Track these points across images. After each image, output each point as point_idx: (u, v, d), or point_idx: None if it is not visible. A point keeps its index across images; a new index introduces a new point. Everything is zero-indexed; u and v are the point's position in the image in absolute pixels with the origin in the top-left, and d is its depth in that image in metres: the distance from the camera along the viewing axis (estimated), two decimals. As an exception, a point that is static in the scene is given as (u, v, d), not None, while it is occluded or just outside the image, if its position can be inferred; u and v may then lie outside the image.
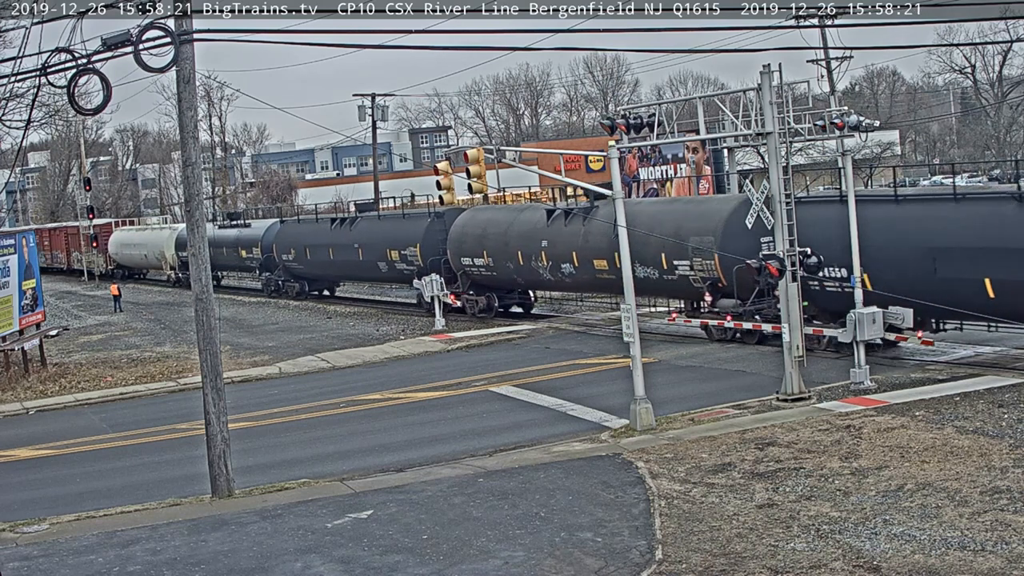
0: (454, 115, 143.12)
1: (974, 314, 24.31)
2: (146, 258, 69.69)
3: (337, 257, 47.67)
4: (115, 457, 23.36)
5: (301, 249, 50.72)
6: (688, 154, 57.03)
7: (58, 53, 16.43)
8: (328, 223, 48.97)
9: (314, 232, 50.26)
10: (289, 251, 51.83)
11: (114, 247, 74.69)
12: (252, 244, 55.71)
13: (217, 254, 58.36)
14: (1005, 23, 68.00)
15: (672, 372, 27.40)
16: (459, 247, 40.02)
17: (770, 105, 22.41)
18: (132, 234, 74.80)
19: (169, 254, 65.60)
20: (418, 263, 41.44)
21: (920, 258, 24.65)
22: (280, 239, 52.82)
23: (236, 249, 57.49)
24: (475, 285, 40.22)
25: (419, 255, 41.38)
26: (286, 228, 53.63)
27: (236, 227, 58.79)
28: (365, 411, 25.92)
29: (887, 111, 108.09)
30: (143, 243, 70.22)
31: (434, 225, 41.36)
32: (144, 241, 70.17)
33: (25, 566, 15.28)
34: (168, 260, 66.29)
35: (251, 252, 55.93)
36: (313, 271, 51.44)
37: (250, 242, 56.00)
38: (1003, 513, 14.44)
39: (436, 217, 41.42)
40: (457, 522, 15.87)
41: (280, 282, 54.15)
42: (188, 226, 18.75)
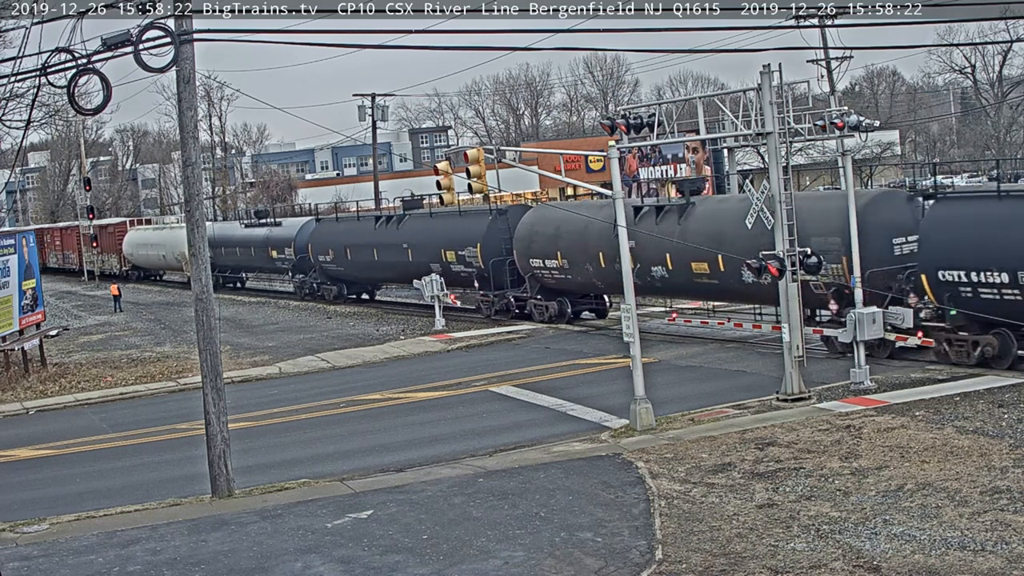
0: (454, 115, 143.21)
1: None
2: (164, 259, 66.59)
3: (382, 258, 44.35)
4: (115, 457, 23.36)
5: (340, 249, 47.41)
6: (688, 154, 56.96)
7: (58, 53, 16.43)
8: (372, 221, 45.90)
9: (355, 231, 46.93)
10: (327, 252, 48.47)
11: (129, 247, 71.71)
12: (284, 244, 52.65)
13: (244, 255, 57.31)
14: (1005, 23, 68.01)
15: (672, 372, 27.40)
16: (527, 247, 36.91)
17: (770, 105, 22.41)
18: (148, 233, 71.30)
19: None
20: (478, 265, 38.61)
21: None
22: (316, 239, 49.55)
23: (265, 249, 54.46)
24: (545, 290, 37.17)
25: (479, 256, 38.30)
26: (323, 227, 50.11)
27: (266, 226, 55.49)
28: (365, 411, 25.92)
29: (887, 111, 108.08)
30: (160, 243, 66.91)
31: (496, 223, 38.27)
32: (162, 241, 66.84)
33: (25, 566, 15.28)
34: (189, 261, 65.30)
35: (283, 253, 52.89)
36: (354, 273, 48.00)
37: (282, 242, 52.97)
38: (1003, 513, 14.44)
39: (498, 214, 38.64)
40: (457, 522, 15.87)
41: (315, 284, 50.82)
42: (188, 226, 18.76)
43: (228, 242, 58.46)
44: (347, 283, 49.35)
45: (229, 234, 59.16)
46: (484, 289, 38.98)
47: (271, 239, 54.09)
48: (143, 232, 72.68)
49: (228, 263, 59.97)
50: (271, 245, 54.06)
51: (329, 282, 49.86)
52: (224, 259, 58.85)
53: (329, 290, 49.95)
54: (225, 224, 67.54)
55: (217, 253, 57.99)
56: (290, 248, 52.01)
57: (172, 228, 67.92)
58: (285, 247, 52.63)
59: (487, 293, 38.89)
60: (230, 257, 59.11)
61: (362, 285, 50.21)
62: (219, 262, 58.41)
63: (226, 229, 61.25)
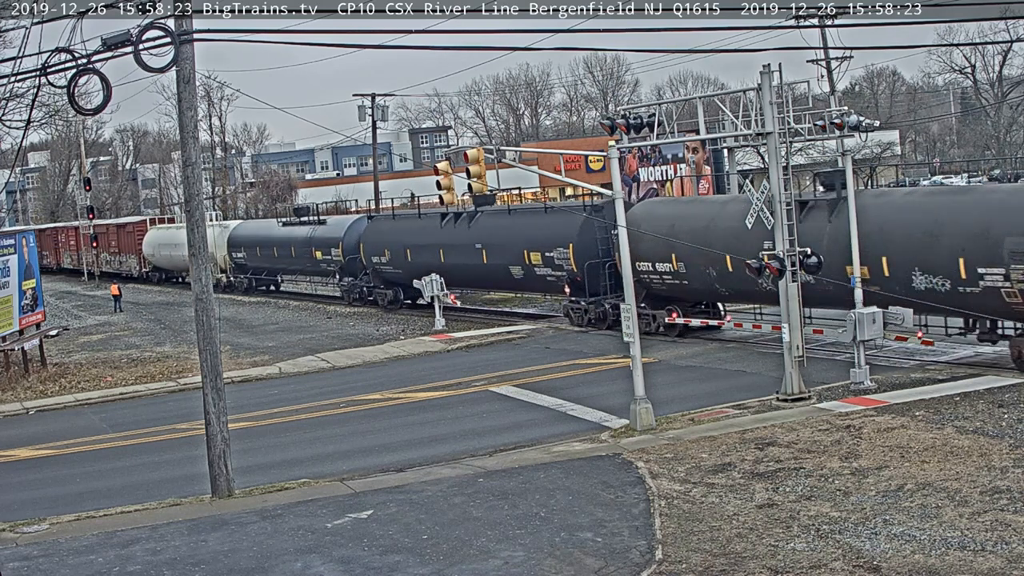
0: (454, 115, 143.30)
1: None
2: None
3: (450, 260, 39.79)
4: (115, 457, 23.36)
5: (399, 250, 42.93)
6: (688, 154, 56.99)
7: (58, 53, 16.44)
8: (438, 219, 41.35)
9: (417, 230, 42.38)
10: (382, 252, 44.11)
11: (149, 247, 67.21)
12: (330, 244, 48.13)
13: (282, 255, 53.24)
14: (1005, 23, 68.03)
15: (672, 372, 27.39)
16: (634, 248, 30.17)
17: (770, 105, 22.41)
18: (172, 233, 65.70)
19: (220, 255, 58.42)
20: (569, 268, 34.56)
21: None
22: (369, 238, 45.23)
23: (308, 250, 50.10)
24: (652, 297, 32.28)
25: (571, 258, 34.24)
26: (377, 225, 45.69)
27: (308, 224, 51.05)
28: (365, 411, 25.92)
29: (887, 111, 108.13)
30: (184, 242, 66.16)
31: (592, 221, 34.04)
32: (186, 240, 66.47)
33: (25, 566, 15.28)
34: (218, 262, 58.48)
35: (328, 253, 48.40)
36: (416, 276, 42.07)
37: (327, 242, 48.45)
38: (1003, 513, 14.44)
39: (594, 211, 34.32)
40: (457, 522, 15.87)
41: (366, 288, 46.44)
42: (188, 226, 18.77)
43: (264, 242, 55.21)
44: (404, 287, 43.95)
45: (265, 234, 55.85)
46: (577, 296, 35.16)
47: (315, 239, 49.66)
48: (165, 231, 67.87)
49: (263, 265, 56.58)
50: (315, 245, 49.70)
51: (383, 286, 45.27)
52: (259, 260, 56.37)
53: (383, 294, 45.35)
54: (260, 223, 63.98)
55: (251, 254, 56.57)
56: (337, 248, 47.66)
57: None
58: (331, 247, 48.18)
59: (579, 300, 35.12)
60: (266, 258, 55.60)
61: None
62: (252, 263, 56.81)
63: (261, 228, 58.37)
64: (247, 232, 58.59)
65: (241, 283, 58.57)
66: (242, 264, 58.30)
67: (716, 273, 29.88)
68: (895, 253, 25.24)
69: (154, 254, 67.21)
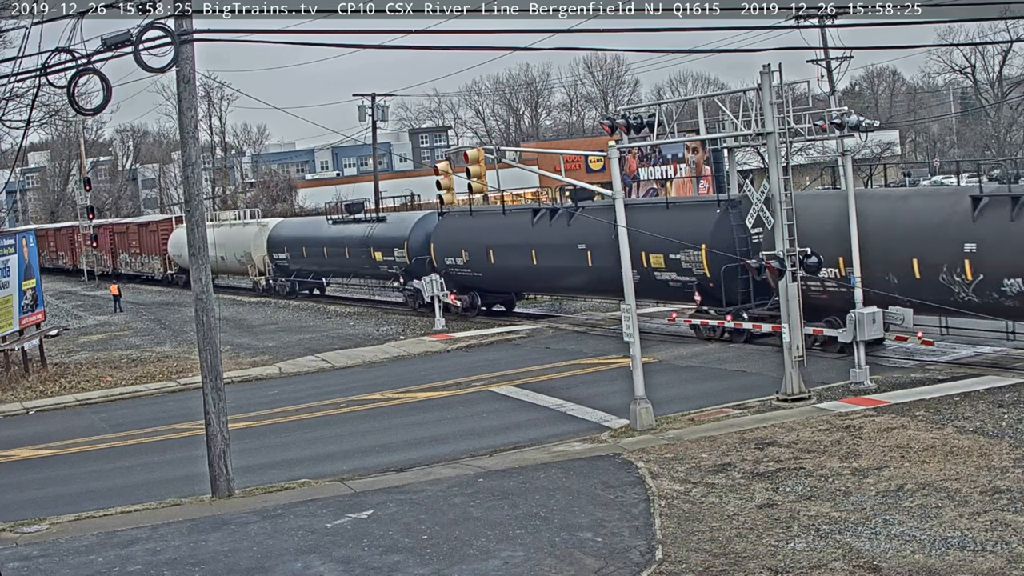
0: (454, 115, 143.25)
1: None
2: (223, 260, 57.31)
3: (545, 262, 35.63)
4: (115, 457, 23.36)
5: (479, 251, 38.60)
6: (688, 154, 57.04)
7: (58, 53, 16.44)
8: (528, 215, 37.32)
9: (502, 228, 38.03)
10: (458, 253, 39.64)
11: (176, 248, 62.48)
12: (393, 244, 43.71)
13: (333, 257, 49.04)
14: (1005, 23, 68.03)
15: (672, 372, 27.39)
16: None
17: (770, 105, 22.41)
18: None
19: (259, 256, 54.80)
20: (700, 273, 29.82)
21: None
22: (442, 237, 40.92)
23: (366, 250, 45.48)
24: (810, 307, 25.79)
25: (704, 262, 29.56)
26: (451, 223, 41.13)
27: (365, 222, 46.55)
28: (365, 411, 25.92)
29: (887, 111, 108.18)
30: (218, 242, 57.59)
31: (727, 219, 29.57)
32: (220, 240, 57.47)
33: (25, 566, 15.28)
34: (256, 264, 55.07)
35: (391, 254, 43.90)
36: (498, 280, 38.75)
37: (389, 241, 44.00)
38: (1003, 513, 14.44)
39: (729, 207, 29.66)
40: (457, 522, 15.87)
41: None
42: (188, 226, 18.72)
43: (311, 242, 50.72)
44: (483, 292, 40.30)
45: (312, 233, 51.26)
46: (709, 303, 30.46)
47: (373, 238, 45.07)
48: None
49: (309, 267, 52.00)
50: (373, 245, 44.97)
51: (457, 290, 40.92)
52: (304, 262, 51.87)
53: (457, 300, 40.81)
54: (305, 221, 59.18)
55: (295, 255, 52.22)
56: (401, 249, 43.08)
57: (233, 225, 60.21)
58: (394, 247, 43.58)
59: (708, 309, 30.65)
60: (313, 260, 51.08)
61: (500, 293, 41.11)
62: (296, 265, 52.65)
63: (307, 227, 53.83)
64: (290, 231, 54.17)
65: (283, 286, 54.19)
66: (284, 266, 53.85)
67: (898, 280, 25.30)
68: None
69: (181, 255, 61.06)
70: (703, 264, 29.67)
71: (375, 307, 47.24)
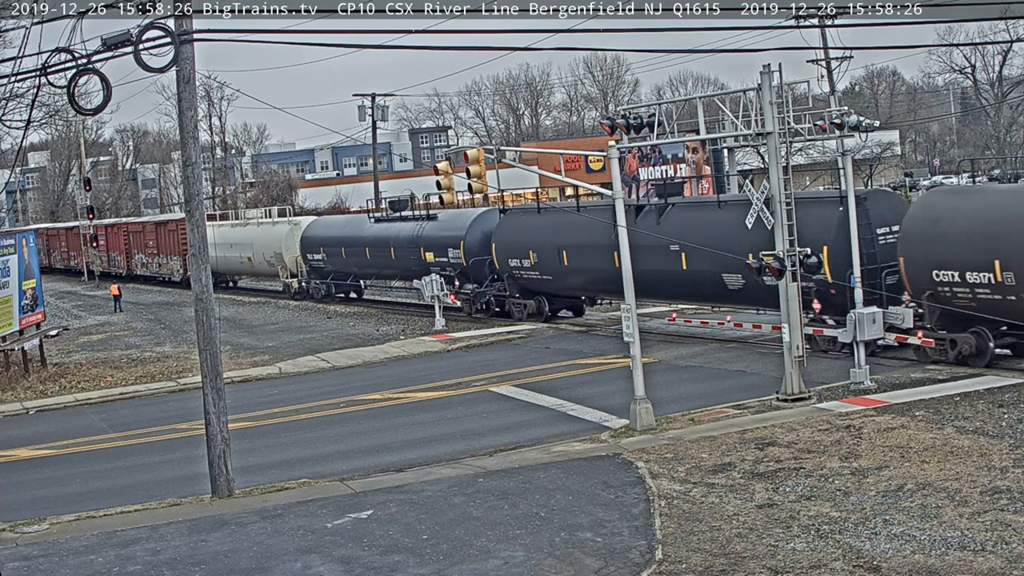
0: (454, 115, 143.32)
1: None
2: (250, 261, 54.88)
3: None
4: (115, 457, 23.36)
5: (550, 252, 35.36)
6: (688, 154, 57.07)
7: (58, 53, 16.45)
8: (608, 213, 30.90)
9: (577, 227, 34.13)
10: (524, 254, 36.54)
11: None
12: (447, 244, 40.46)
13: (377, 257, 45.52)
14: (1005, 23, 68.07)
15: (672, 372, 27.39)
16: (928, 251, 24.53)
17: (770, 105, 22.41)
18: (227, 231, 58.65)
19: (290, 257, 51.84)
20: (820, 277, 26.17)
21: None
22: (504, 236, 37.74)
23: (415, 251, 42.24)
24: (951, 316, 24.20)
25: (826, 266, 26.15)
26: (515, 221, 37.91)
27: (413, 220, 43.40)
28: (365, 411, 25.92)
29: (887, 111, 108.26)
30: (245, 242, 55.35)
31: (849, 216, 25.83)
32: (247, 239, 55.22)
33: (25, 566, 15.29)
34: (287, 265, 52.19)
35: (444, 255, 40.65)
36: (572, 283, 35.33)
37: (443, 241, 40.76)
38: (1003, 513, 14.44)
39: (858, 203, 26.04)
40: (457, 522, 15.87)
41: (496, 298, 39.07)
42: (188, 226, 18.71)
43: (350, 242, 47.48)
44: (551, 296, 37.26)
45: (352, 232, 48.08)
46: (829, 312, 27.02)
47: (423, 238, 41.93)
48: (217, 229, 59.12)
49: (348, 269, 48.73)
50: (424, 245, 41.77)
51: (520, 294, 37.75)
52: (343, 264, 48.58)
53: (520, 305, 37.88)
54: (343, 219, 55.67)
55: (332, 256, 49.06)
56: (457, 249, 39.86)
57: (261, 224, 56.96)
58: (449, 247, 40.34)
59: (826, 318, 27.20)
60: (353, 261, 47.71)
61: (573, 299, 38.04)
62: (333, 267, 49.46)
63: (347, 226, 50.35)
64: (327, 230, 50.93)
65: (318, 289, 50.87)
66: (319, 268, 50.62)
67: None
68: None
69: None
70: (824, 268, 26.08)
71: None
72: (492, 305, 39.08)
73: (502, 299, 38.66)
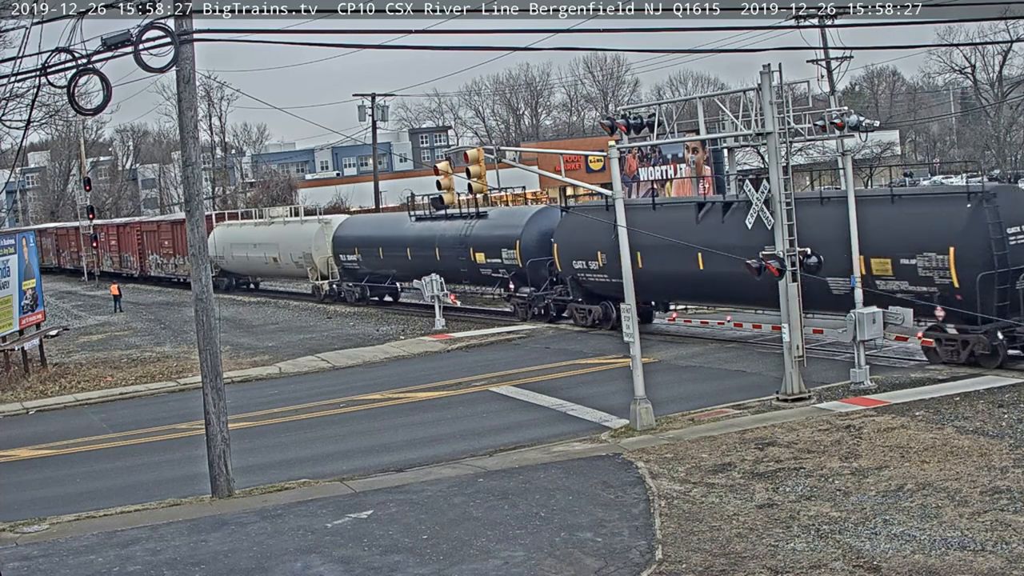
0: (454, 115, 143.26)
1: None
2: (275, 262, 52.08)
3: (717, 267, 28.56)
4: (115, 457, 23.37)
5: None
6: (688, 154, 57.00)
7: (58, 53, 16.45)
8: (692, 210, 30.75)
9: (651, 225, 30.08)
10: (592, 256, 33.58)
11: (217, 248, 55.87)
12: (501, 244, 37.80)
13: (419, 258, 42.18)
14: (1005, 23, 68.08)
15: (672, 372, 27.39)
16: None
17: (770, 105, 22.41)
18: (249, 230, 55.69)
19: (321, 258, 48.94)
20: (946, 281, 24.11)
21: None
22: (566, 237, 34.83)
23: (463, 251, 39.64)
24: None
25: (951, 268, 24.00)
26: (580, 219, 34.87)
27: (460, 218, 40.63)
28: (365, 411, 25.92)
29: (887, 111, 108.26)
30: (270, 242, 52.53)
31: (981, 215, 23.94)
32: (272, 239, 52.26)
33: (25, 566, 15.29)
34: (317, 266, 49.35)
35: (497, 255, 37.98)
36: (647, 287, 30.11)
37: (496, 241, 38.08)
38: (1003, 513, 14.44)
39: (984, 200, 24.09)
40: (457, 522, 15.88)
41: (556, 302, 36.27)
42: (188, 226, 18.71)
43: (389, 242, 44.52)
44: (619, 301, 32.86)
45: (390, 232, 45.21)
46: (953, 319, 24.58)
47: (473, 237, 39.32)
48: (240, 229, 57.28)
49: (385, 270, 45.31)
50: (474, 245, 39.15)
51: (584, 299, 34.88)
52: (381, 265, 45.32)
53: (584, 311, 34.94)
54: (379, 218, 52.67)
55: (369, 257, 46.05)
56: (512, 249, 37.17)
57: (287, 223, 53.88)
58: (503, 247, 37.65)
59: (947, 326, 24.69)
60: (392, 262, 44.52)
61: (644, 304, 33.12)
62: (370, 268, 46.40)
63: (384, 224, 47.47)
64: (362, 230, 48.13)
65: (351, 292, 47.80)
66: (353, 269, 47.69)
67: None
68: None
69: (224, 256, 56.93)
70: (950, 271, 24.02)
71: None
72: (551, 310, 36.64)
73: (564, 303, 35.88)
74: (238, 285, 59.68)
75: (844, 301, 25.37)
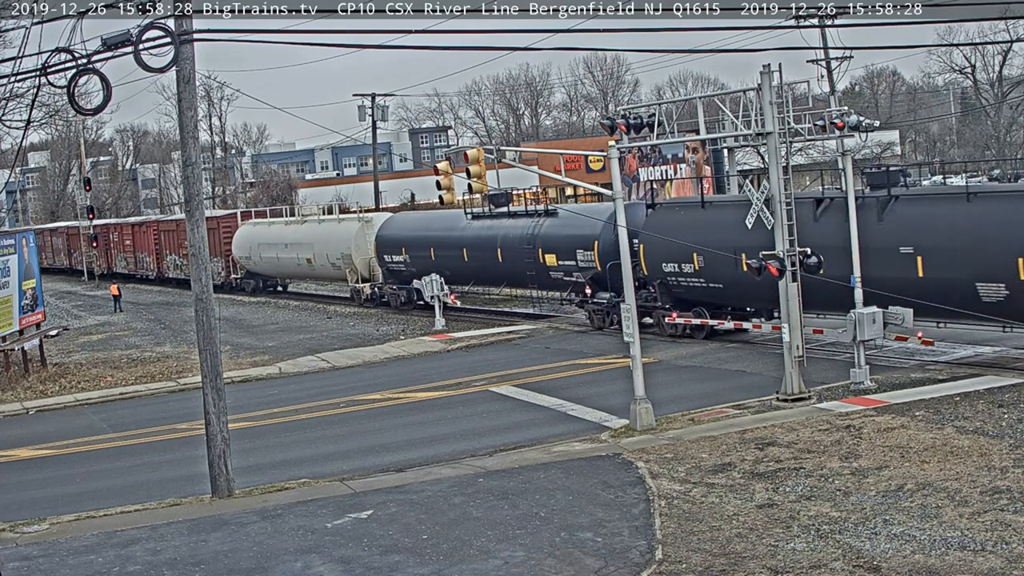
0: (454, 115, 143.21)
1: None
2: (309, 263, 48.98)
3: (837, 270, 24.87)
4: (115, 457, 23.37)
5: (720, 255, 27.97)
6: (688, 154, 57.00)
7: (58, 53, 16.45)
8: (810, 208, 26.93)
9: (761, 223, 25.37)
10: (686, 258, 30.21)
11: (243, 248, 54.13)
12: (575, 244, 34.60)
13: (478, 260, 39.09)
14: (1005, 23, 68.07)
15: (672, 372, 27.39)
16: None
17: (770, 105, 22.42)
18: (279, 230, 52.61)
19: (361, 259, 45.60)
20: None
21: None
22: (654, 237, 31.31)
23: (530, 252, 36.36)
24: None
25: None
26: (670, 217, 32.11)
27: (526, 216, 37.47)
28: (365, 411, 25.92)
29: (887, 111, 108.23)
30: (304, 242, 49.24)
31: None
32: (306, 239, 49.05)
33: (25, 566, 15.29)
34: (358, 268, 45.95)
35: (570, 257, 34.85)
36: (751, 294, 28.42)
37: (569, 241, 34.94)
38: (1003, 513, 14.44)
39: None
40: (457, 522, 15.87)
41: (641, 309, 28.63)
42: (188, 225, 18.71)
43: (442, 242, 40.95)
44: (714, 308, 30.95)
45: (441, 232, 41.65)
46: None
47: (542, 236, 35.98)
48: (267, 228, 54.16)
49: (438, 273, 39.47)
50: (543, 246, 35.86)
51: (671, 305, 31.73)
52: (432, 266, 40.44)
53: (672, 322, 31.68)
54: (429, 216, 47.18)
55: (418, 258, 42.11)
56: (589, 251, 34.00)
57: (323, 221, 49.96)
58: (577, 249, 34.45)
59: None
60: (445, 263, 40.34)
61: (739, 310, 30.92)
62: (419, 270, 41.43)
63: (435, 223, 43.08)
64: (409, 229, 44.36)
65: (396, 296, 44.16)
66: (399, 271, 43.90)
67: None
68: None
69: (250, 256, 54.25)
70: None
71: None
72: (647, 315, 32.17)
73: (649, 308, 32.12)
74: (267, 287, 56.78)
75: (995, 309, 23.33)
